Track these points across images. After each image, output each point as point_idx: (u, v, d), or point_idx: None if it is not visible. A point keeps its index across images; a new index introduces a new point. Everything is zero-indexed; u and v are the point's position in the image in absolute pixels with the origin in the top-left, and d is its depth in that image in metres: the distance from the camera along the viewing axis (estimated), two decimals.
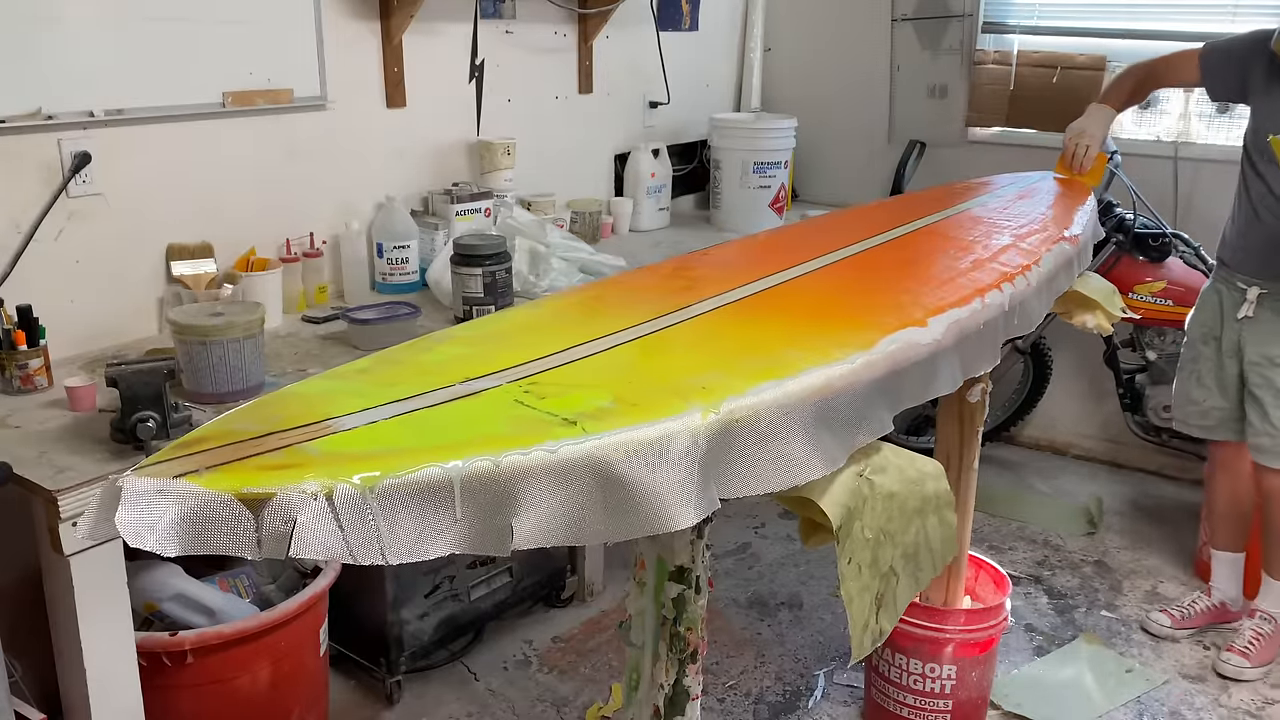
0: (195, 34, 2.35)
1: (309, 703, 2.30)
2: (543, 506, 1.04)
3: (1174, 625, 2.89)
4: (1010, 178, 2.76)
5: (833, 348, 1.37)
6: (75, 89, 2.15)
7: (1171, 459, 3.71)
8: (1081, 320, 2.42)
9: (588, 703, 2.57)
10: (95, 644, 1.73)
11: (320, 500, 0.94)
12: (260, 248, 2.54)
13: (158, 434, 1.71)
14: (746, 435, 1.19)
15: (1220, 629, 2.89)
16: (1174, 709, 2.60)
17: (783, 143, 3.76)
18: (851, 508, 1.35)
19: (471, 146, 3.11)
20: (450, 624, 2.63)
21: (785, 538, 3.38)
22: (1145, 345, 3.46)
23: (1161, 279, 3.33)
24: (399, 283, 2.76)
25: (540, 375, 1.23)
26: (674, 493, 1.10)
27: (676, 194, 3.85)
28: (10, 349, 1.98)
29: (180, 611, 2.09)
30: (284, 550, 0.93)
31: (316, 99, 2.63)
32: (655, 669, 1.48)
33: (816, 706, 2.60)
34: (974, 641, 2.33)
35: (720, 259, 2.02)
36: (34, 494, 1.63)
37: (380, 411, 1.10)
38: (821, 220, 2.70)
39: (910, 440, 3.81)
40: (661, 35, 3.65)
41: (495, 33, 3.12)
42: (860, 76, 4.13)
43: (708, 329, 1.48)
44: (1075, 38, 3.77)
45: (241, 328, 1.92)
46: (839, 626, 2.91)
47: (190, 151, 2.41)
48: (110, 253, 2.29)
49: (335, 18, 2.65)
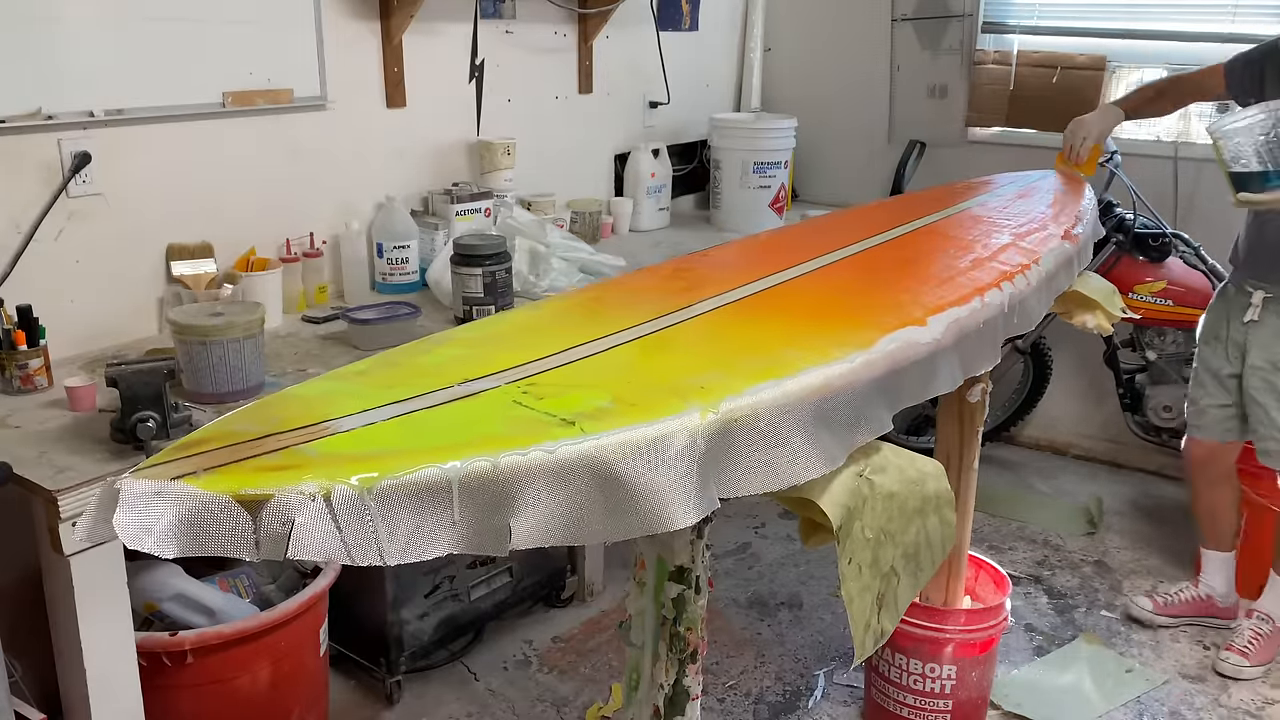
0: (195, 34, 2.35)
1: (309, 703, 2.30)
2: (541, 507, 1.04)
3: (1155, 610, 2.90)
4: (1010, 177, 2.76)
5: (832, 347, 1.37)
6: (75, 89, 2.15)
7: (1171, 459, 3.70)
8: (1081, 320, 2.42)
9: (588, 703, 2.57)
10: (95, 644, 1.74)
11: (318, 501, 0.94)
12: (260, 248, 2.54)
13: (158, 434, 1.71)
14: (745, 435, 1.19)
15: (1221, 629, 2.89)
16: (1174, 709, 2.60)
17: (783, 143, 3.76)
18: (851, 508, 1.35)
19: (471, 146, 3.11)
20: (450, 624, 2.63)
21: (785, 538, 3.38)
22: (1145, 345, 3.46)
23: (1161, 279, 3.33)
24: (399, 283, 2.76)
25: (539, 376, 1.23)
26: (673, 492, 1.10)
27: (676, 194, 3.85)
28: (10, 349, 1.98)
29: (180, 611, 2.09)
30: (282, 552, 0.94)
31: (316, 99, 2.63)
32: (655, 669, 1.48)
33: (816, 706, 2.60)
34: (974, 641, 2.33)
35: (720, 259, 2.02)
36: (34, 494, 1.63)
37: (378, 413, 1.10)
38: (821, 220, 2.70)
39: (910, 440, 3.81)
40: (661, 35, 3.65)
41: (495, 33, 3.12)
42: (860, 76, 4.13)
43: (707, 329, 1.48)
44: (1075, 38, 3.77)
45: (241, 328, 1.92)
46: (839, 626, 2.91)
47: (190, 151, 2.41)
48: (110, 253, 2.29)
49: (335, 18, 2.65)
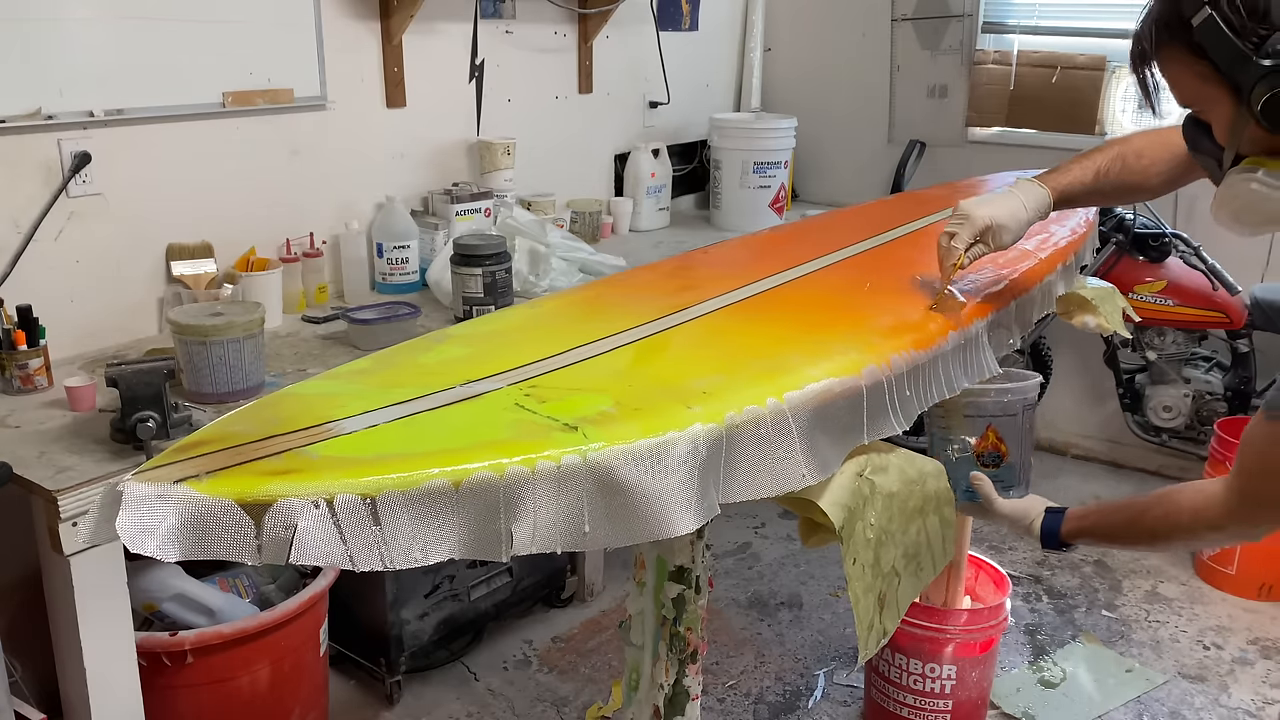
0: (195, 34, 2.35)
1: (309, 703, 2.30)
2: (542, 513, 1.03)
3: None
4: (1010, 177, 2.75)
5: (834, 352, 1.37)
6: (75, 89, 2.15)
7: (1171, 459, 3.71)
8: (1081, 320, 2.42)
9: (588, 703, 2.57)
10: (95, 644, 1.74)
11: (321, 507, 0.94)
12: (260, 248, 2.54)
13: (158, 434, 1.71)
14: (747, 441, 1.18)
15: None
16: (1174, 709, 2.60)
17: (783, 143, 3.76)
18: (852, 508, 1.35)
19: (471, 146, 3.11)
20: (450, 624, 2.63)
21: (785, 538, 3.38)
22: (1145, 345, 3.47)
23: (1162, 279, 3.33)
24: (399, 283, 2.76)
25: (541, 378, 1.23)
26: (674, 499, 1.09)
27: (676, 194, 3.85)
28: (10, 349, 1.98)
29: (180, 611, 2.09)
30: (284, 556, 0.93)
31: (316, 99, 2.63)
32: (655, 669, 1.49)
33: (816, 706, 2.60)
34: (974, 641, 2.33)
35: (720, 259, 2.01)
36: (34, 494, 1.63)
37: (380, 414, 1.09)
38: (821, 220, 2.70)
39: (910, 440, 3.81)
40: (661, 35, 3.65)
41: (495, 33, 3.11)
42: (860, 76, 4.13)
43: (708, 330, 1.48)
44: (1075, 38, 3.76)
45: (241, 328, 1.92)
46: (839, 626, 2.91)
47: (190, 151, 2.40)
48: (110, 253, 2.29)
49: (335, 18, 2.65)
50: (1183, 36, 1.22)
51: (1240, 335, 3.35)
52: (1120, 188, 1.64)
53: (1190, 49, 1.22)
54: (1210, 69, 1.21)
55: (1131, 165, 1.61)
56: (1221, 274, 3.32)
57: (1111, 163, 1.62)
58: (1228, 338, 3.39)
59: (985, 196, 1.62)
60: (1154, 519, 1.46)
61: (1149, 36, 1.26)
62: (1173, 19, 1.22)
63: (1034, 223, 1.61)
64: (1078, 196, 1.65)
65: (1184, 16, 1.20)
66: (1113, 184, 1.63)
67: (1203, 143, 1.33)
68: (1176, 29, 1.22)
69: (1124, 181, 1.62)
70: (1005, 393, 1.73)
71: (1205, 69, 1.22)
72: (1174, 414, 3.46)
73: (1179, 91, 1.29)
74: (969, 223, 1.56)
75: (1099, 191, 1.64)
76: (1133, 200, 1.70)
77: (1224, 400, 3.40)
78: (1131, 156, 1.62)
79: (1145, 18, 1.27)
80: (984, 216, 1.56)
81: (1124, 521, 1.53)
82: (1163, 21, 1.24)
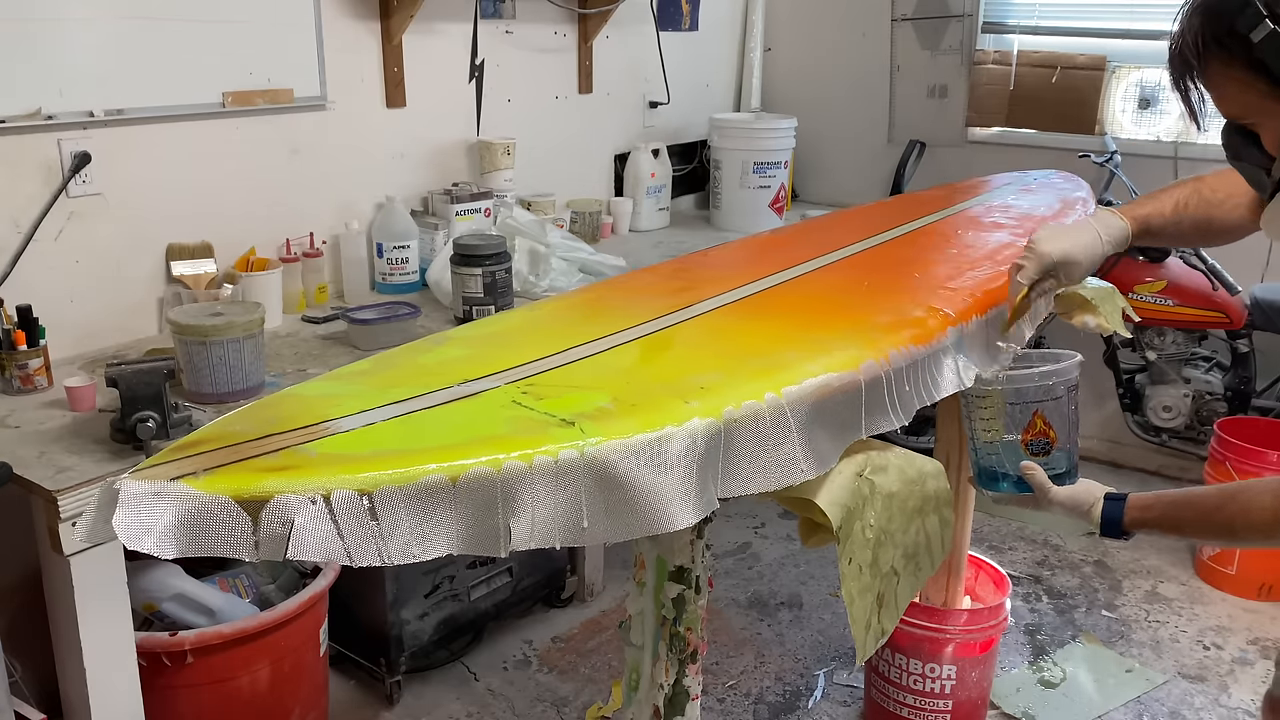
0: (195, 34, 2.35)
1: (309, 703, 2.30)
2: (540, 508, 1.04)
3: None
4: (1010, 177, 2.75)
5: (832, 348, 1.37)
6: (75, 89, 2.15)
7: (1171, 459, 3.71)
8: (1081, 320, 2.42)
9: (588, 703, 2.57)
10: (95, 644, 1.74)
11: (318, 502, 0.94)
12: (260, 248, 2.54)
13: (158, 434, 1.71)
14: (745, 435, 1.19)
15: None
16: (1174, 709, 2.60)
17: (783, 143, 3.76)
18: (851, 508, 1.35)
19: (471, 146, 3.11)
20: (450, 624, 2.63)
21: (785, 538, 3.38)
22: (1145, 345, 3.47)
23: (1162, 279, 3.33)
24: (399, 283, 2.76)
25: (538, 376, 1.23)
26: (672, 493, 1.10)
27: (676, 194, 3.85)
28: (10, 349, 1.98)
29: (180, 611, 2.09)
30: (281, 552, 0.94)
31: (316, 99, 2.63)
32: (655, 669, 1.49)
33: (816, 706, 2.60)
34: (974, 641, 2.33)
35: (720, 259, 2.02)
36: (34, 494, 1.64)
37: (378, 413, 1.10)
38: (821, 220, 2.70)
39: (910, 440, 3.81)
40: (661, 35, 3.65)
41: (495, 33, 3.12)
42: (860, 76, 4.13)
43: (707, 329, 1.48)
44: (1075, 38, 3.77)
45: (241, 328, 1.92)
46: (839, 626, 2.91)
47: (190, 151, 2.41)
48: (110, 253, 2.29)
49: (335, 18, 2.66)
50: (1239, 51, 1.20)
51: (1240, 335, 3.35)
52: (1199, 223, 1.63)
53: (1248, 64, 1.20)
54: (1269, 84, 1.20)
55: (1208, 198, 1.61)
56: (1221, 274, 3.32)
57: (1189, 196, 1.62)
58: (1228, 338, 3.39)
59: (1059, 227, 1.62)
60: (1228, 516, 1.41)
61: (1195, 50, 1.24)
62: (1225, 34, 1.20)
63: (1110, 255, 1.61)
64: (1157, 229, 1.64)
65: (1240, 31, 1.18)
66: (1191, 218, 1.62)
67: (1248, 151, 1.31)
68: (1230, 43, 1.20)
69: (1203, 215, 1.62)
70: (1049, 375, 1.66)
71: (1264, 84, 1.20)
72: (1174, 414, 3.46)
73: (1228, 105, 1.28)
74: (1036, 258, 1.56)
75: (1178, 225, 1.63)
76: (1214, 241, 1.68)
77: (1224, 400, 3.41)
78: (1207, 190, 1.62)
79: (1188, 30, 1.24)
80: (1052, 252, 1.56)
81: (1194, 518, 1.48)
82: (1213, 36, 1.22)
